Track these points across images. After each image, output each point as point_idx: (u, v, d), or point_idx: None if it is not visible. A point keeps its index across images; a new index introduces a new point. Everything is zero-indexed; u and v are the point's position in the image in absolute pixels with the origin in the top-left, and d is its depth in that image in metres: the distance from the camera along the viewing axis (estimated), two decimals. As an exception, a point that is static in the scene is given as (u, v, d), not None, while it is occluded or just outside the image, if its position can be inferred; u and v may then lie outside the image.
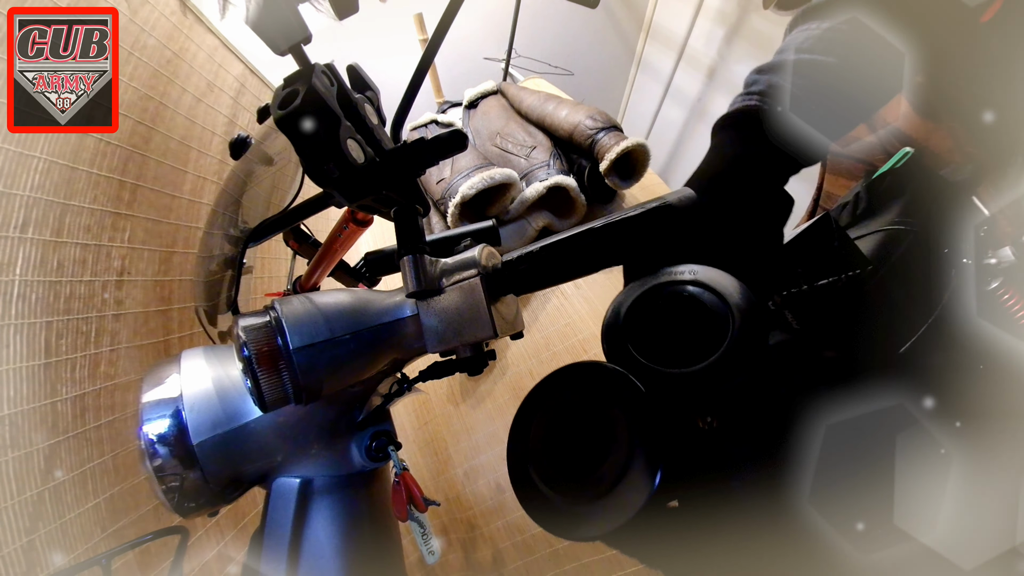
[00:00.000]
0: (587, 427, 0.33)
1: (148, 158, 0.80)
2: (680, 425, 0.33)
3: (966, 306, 0.37)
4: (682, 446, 0.31)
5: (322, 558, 0.36)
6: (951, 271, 0.42)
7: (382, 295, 0.38)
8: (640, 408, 0.30)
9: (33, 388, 0.57)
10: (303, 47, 0.31)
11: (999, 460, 0.33)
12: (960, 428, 0.33)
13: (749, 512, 0.33)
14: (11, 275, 0.57)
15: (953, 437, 0.32)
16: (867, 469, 0.32)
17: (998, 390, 0.37)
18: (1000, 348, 0.36)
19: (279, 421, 0.37)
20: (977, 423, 0.34)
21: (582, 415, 0.33)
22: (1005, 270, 0.41)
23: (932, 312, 0.40)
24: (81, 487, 0.59)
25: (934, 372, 0.37)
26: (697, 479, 0.33)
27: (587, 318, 1.13)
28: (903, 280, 0.42)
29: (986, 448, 0.33)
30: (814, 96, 0.39)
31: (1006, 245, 0.41)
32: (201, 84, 0.97)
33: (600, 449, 0.31)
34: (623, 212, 0.39)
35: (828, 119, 0.38)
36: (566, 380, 0.35)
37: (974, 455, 0.32)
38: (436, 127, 1.47)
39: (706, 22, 1.50)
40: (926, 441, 0.32)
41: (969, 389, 0.36)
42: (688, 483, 0.32)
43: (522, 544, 1.00)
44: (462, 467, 1.09)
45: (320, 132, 0.28)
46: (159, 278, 0.79)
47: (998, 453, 0.34)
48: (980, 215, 0.42)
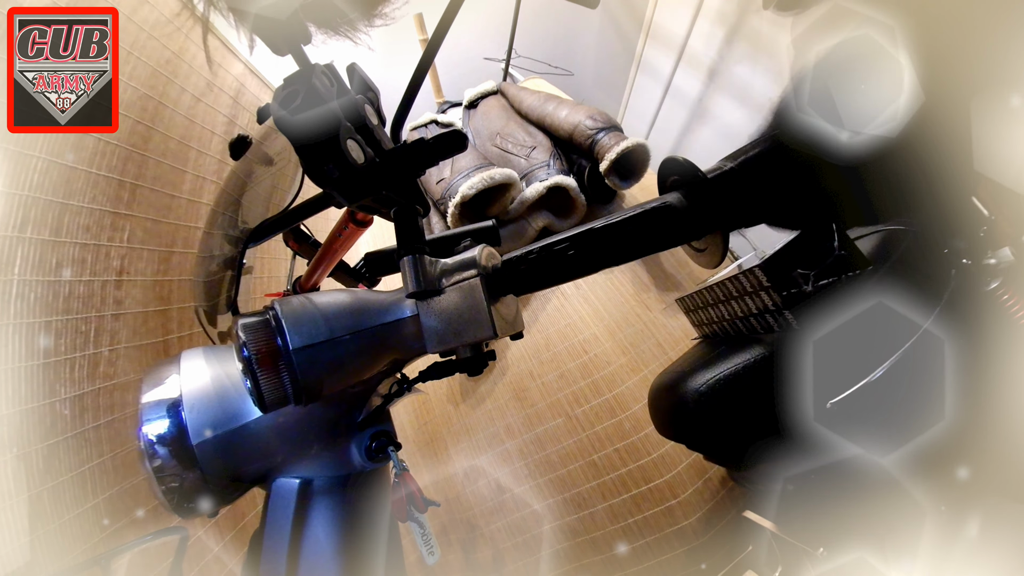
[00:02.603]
0: None
1: (147, 157, 0.80)
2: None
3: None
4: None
5: (322, 558, 0.36)
6: (951, 271, 0.42)
7: (382, 295, 0.38)
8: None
9: (32, 388, 0.56)
10: (303, 48, 0.31)
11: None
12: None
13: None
14: (10, 275, 0.57)
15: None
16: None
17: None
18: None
19: (279, 422, 0.36)
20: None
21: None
22: (1005, 270, 0.41)
23: (932, 312, 0.40)
24: (80, 487, 0.59)
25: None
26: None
27: (587, 318, 1.13)
28: (903, 280, 0.42)
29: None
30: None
31: (1006, 245, 0.41)
32: (201, 84, 0.97)
33: None
34: (623, 212, 0.39)
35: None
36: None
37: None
38: (436, 127, 1.47)
39: (706, 22, 1.50)
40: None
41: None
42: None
43: (522, 544, 1.00)
44: (462, 467, 1.09)
45: (320, 132, 0.28)
46: (158, 278, 0.79)
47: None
48: (980, 216, 0.42)
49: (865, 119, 0.34)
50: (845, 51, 0.35)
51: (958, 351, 0.39)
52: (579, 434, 1.04)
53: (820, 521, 0.56)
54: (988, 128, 0.34)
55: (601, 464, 1.01)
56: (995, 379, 0.40)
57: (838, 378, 0.42)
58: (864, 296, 0.41)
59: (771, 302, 0.49)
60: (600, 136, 1.11)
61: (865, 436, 0.42)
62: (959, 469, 0.42)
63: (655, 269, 1.17)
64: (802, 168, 0.38)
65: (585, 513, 0.98)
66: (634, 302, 1.13)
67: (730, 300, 0.59)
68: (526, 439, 1.06)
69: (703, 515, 0.94)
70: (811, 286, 0.44)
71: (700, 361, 0.56)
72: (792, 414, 0.43)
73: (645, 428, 1.00)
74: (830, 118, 0.34)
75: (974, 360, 0.39)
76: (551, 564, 0.95)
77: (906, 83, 0.33)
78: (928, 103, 0.33)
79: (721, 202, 0.39)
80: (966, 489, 0.41)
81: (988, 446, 0.41)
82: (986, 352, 0.40)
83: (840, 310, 0.42)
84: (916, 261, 0.42)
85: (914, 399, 0.41)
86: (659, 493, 0.96)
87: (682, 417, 0.56)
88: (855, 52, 0.34)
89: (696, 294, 0.69)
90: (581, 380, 1.08)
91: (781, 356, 0.48)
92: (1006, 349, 0.40)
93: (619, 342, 1.09)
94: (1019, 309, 0.40)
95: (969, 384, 0.39)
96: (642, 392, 1.02)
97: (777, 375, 0.46)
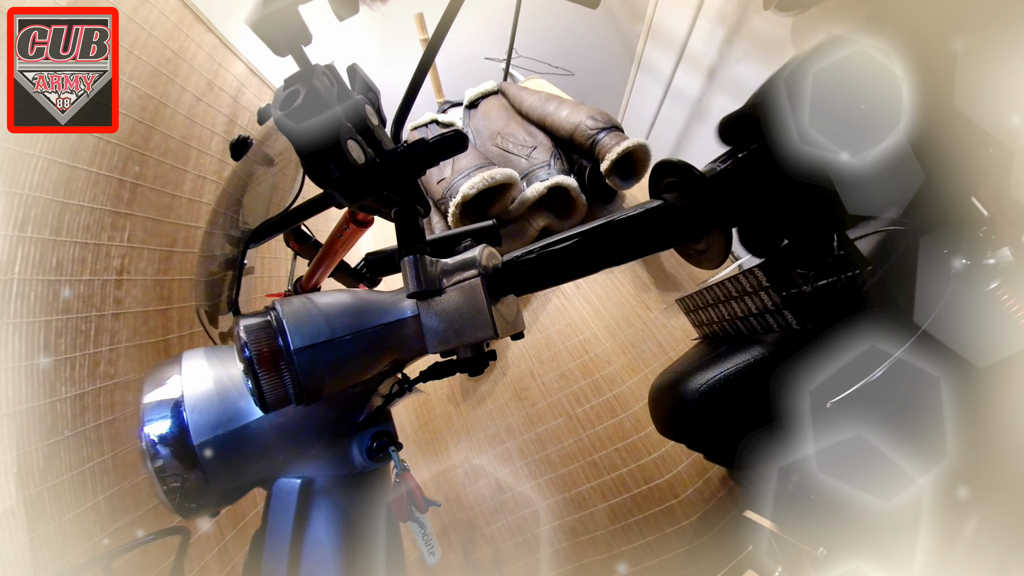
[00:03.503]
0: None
1: (148, 157, 0.80)
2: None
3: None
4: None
5: (323, 558, 0.36)
6: (951, 271, 0.42)
7: (383, 296, 0.38)
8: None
9: (32, 387, 0.56)
10: (303, 48, 0.31)
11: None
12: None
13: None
14: (10, 274, 0.57)
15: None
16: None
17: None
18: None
19: (280, 422, 0.36)
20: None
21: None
22: (1004, 271, 0.41)
23: (932, 312, 0.40)
24: (80, 487, 0.59)
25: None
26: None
27: (587, 318, 1.13)
28: (903, 280, 0.42)
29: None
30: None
31: (1005, 246, 0.41)
32: (201, 83, 0.97)
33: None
34: (623, 212, 0.39)
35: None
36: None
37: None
38: (436, 127, 1.47)
39: (706, 22, 1.50)
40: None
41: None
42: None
43: (522, 544, 1.00)
44: (462, 467, 1.09)
45: (320, 133, 0.28)
46: (159, 277, 0.79)
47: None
48: (979, 216, 0.42)
49: (866, 141, 0.34)
50: (843, 68, 0.35)
51: (958, 351, 0.39)
52: (579, 434, 1.04)
53: (820, 521, 0.56)
54: (972, 66, 0.34)
55: (601, 464, 1.01)
56: (995, 379, 0.40)
57: (838, 378, 0.42)
58: (864, 296, 0.42)
59: (771, 302, 0.50)
60: (601, 136, 1.11)
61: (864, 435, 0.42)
62: (959, 468, 0.42)
63: (655, 269, 1.17)
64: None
65: (585, 513, 0.99)
66: (634, 302, 1.13)
67: (730, 300, 0.59)
68: (526, 439, 1.06)
69: (703, 515, 0.94)
70: (811, 286, 0.44)
71: (700, 361, 0.57)
72: (791, 414, 0.43)
73: (645, 428, 1.00)
74: (829, 137, 0.34)
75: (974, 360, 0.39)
76: (551, 564, 0.96)
77: (904, 103, 0.33)
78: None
79: (720, 200, 0.39)
80: (967, 490, 0.41)
81: (988, 448, 0.41)
82: (986, 352, 0.40)
83: (840, 310, 0.42)
84: (916, 261, 0.42)
85: (913, 399, 0.41)
86: (659, 493, 0.96)
87: (682, 417, 0.56)
88: (852, 69, 0.34)
89: (696, 294, 0.69)
90: (581, 380, 1.08)
91: (781, 356, 0.48)
92: (1006, 349, 0.40)
93: (619, 342, 1.09)
94: (1018, 309, 0.40)
95: (969, 385, 0.39)
96: (642, 392, 1.02)
97: (777, 375, 0.46)
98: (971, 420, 0.40)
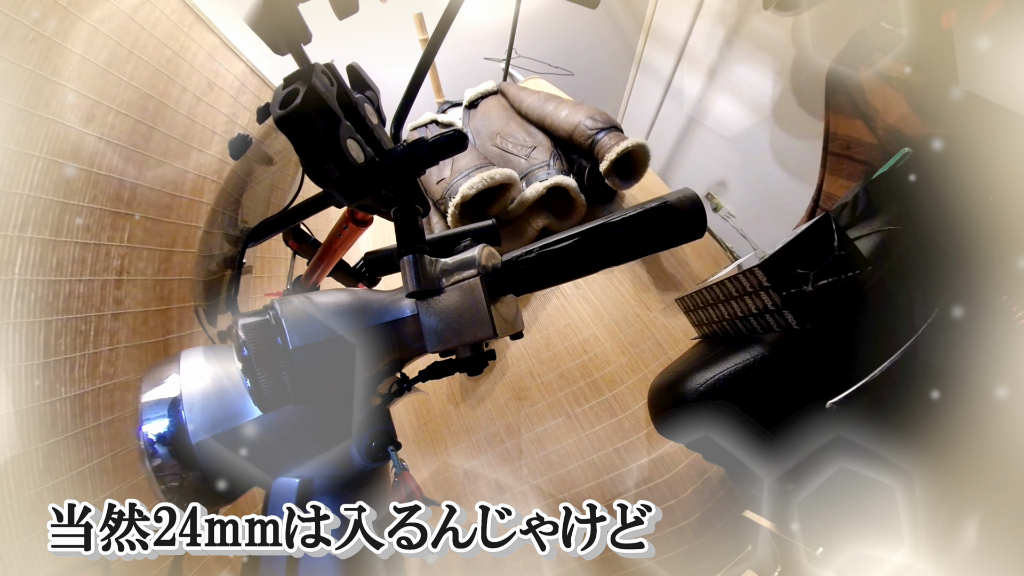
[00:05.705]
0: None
1: (148, 157, 0.80)
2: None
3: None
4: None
5: (321, 559, 0.36)
6: (950, 271, 0.42)
7: (382, 295, 0.38)
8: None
9: (32, 387, 0.56)
10: (303, 47, 0.31)
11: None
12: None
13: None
14: (10, 274, 0.57)
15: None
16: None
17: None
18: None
19: (279, 421, 0.36)
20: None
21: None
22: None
23: (932, 312, 0.40)
24: (80, 487, 0.59)
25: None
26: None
27: (587, 318, 1.13)
28: (903, 280, 0.42)
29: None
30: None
31: (1005, 246, 0.41)
32: (201, 83, 0.97)
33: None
34: (623, 212, 0.39)
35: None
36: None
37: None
38: (436, 127, 1.47)
39: (706, 22, 1.50)
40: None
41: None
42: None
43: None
44: (462, 467, 1.09)
45: (320, 132, 0.28)
46: (158, 277, 0.79)
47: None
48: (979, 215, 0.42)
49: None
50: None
51: (956, 351, 0.39)
52: (579, 433, 1.04)
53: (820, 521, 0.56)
54: (970, 45, 0.34)
55: (601, 464, 1.01)
56: (995, 380, 0.40)
57: (837, 378, 0.42)
58: (863, 296, 0.41)
59: (771, 302, 0.50)
60: (600, 136, 1.11)
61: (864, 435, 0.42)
62: (959, 469, 0.42)
63: (655, 269, 1.17)
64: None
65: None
66: (634, 302, 1.13)
67: (730, 300, 0.59)
68: (526, 438, 1.06)
69: (703, 515, 0.94)
70: (811, 286, 0.44)
71: (700, 361, 0.56)
72: (791, 414, 0.43)
73: (645, 428, 1.00)
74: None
75: (973, 360, 0.39)
76: (551, 564, 0.95)
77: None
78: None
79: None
80: (967, 489, 0.41)
81: (988, 447, 0.41)
82: (985, 352, 0.40)
83: (839, 310, 0.42)
84: (916, 261, 0.42)
85: (914, 399, 0.41)
86: (659, 493, 0.96)
87: (682, 416, 0.56)
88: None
89: (696, 294, 0.69)
90: (581, 379, 1.08)
91: (780, 356, 0.48)
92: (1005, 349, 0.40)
93: (619, 342, 1.09)
94: (1018, 309, 0.40)
95: (969, 384, 0.39)
96: (642, 392, 1.02)
97: (776, 375, 0.46)
98: (971, 419, 0.40)
